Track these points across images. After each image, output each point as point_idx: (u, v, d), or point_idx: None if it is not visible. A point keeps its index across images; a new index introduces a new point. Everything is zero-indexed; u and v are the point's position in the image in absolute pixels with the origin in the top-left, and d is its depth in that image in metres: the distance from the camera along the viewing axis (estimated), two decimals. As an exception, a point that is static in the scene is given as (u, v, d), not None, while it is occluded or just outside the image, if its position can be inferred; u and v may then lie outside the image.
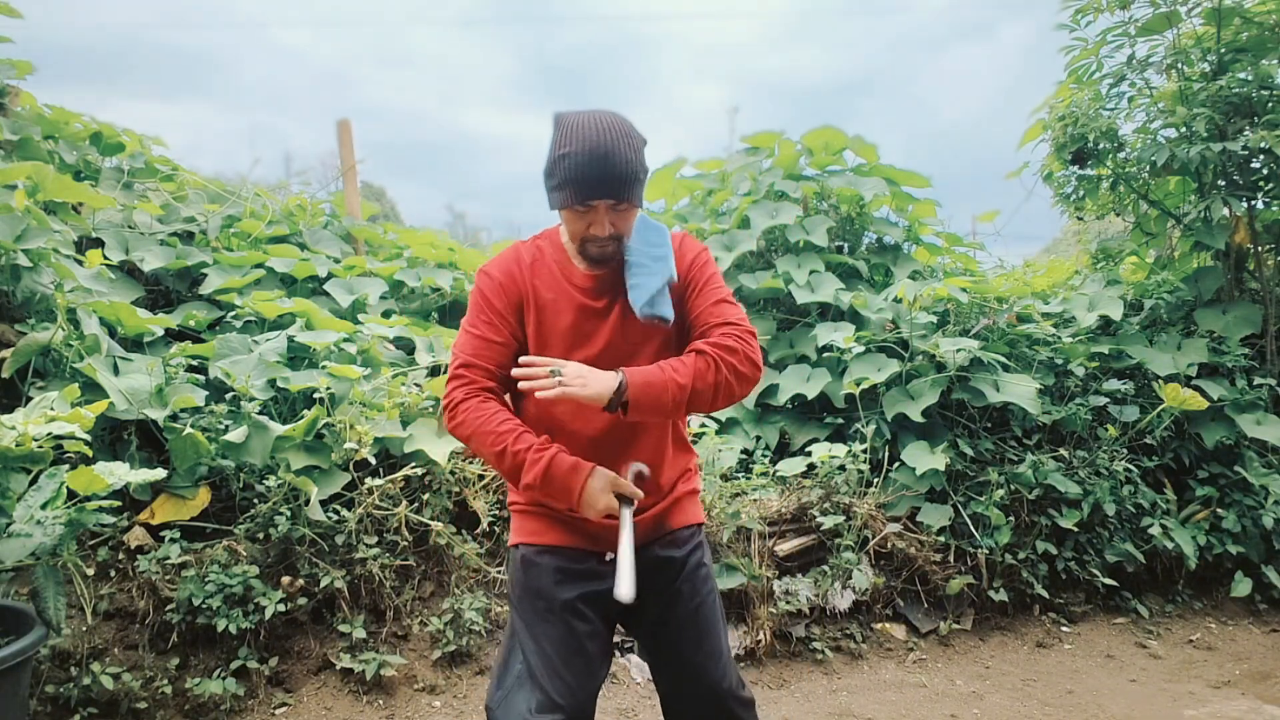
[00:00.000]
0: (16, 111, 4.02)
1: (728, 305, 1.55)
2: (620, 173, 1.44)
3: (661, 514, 1.65)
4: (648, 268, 1.54)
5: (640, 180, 1.49)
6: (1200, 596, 3.94)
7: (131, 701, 2.46)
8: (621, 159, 1.44)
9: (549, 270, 1.59)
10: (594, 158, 1.43)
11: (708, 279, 1.58)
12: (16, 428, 2.10)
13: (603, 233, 1.49)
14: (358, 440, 2.95)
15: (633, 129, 1.49)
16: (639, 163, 1.48)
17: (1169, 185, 4.87)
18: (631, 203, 1.49)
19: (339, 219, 4.75)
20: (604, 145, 1.43)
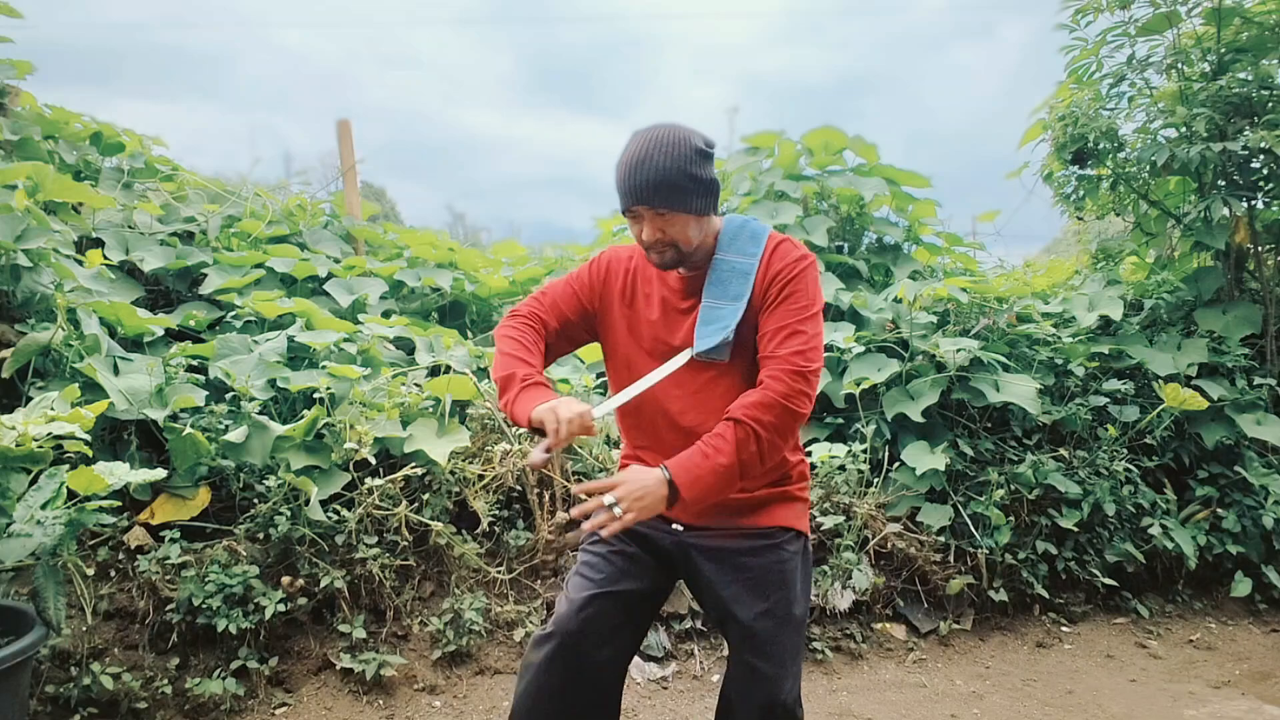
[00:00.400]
0: (16, 111, 4.02)
1: (792, 335, 1.53)
2: (649, 179, 1.49)
3: (737, 509, 1.64)
4: (726, 289, 1.59)
5: (680, 186, 1.51)
6: (1200, 596, 3.94)
7: (131, 701, 2.46)
8: (653, 165, 1.49)
9: (652, 269, 1.71)
10: (628, 167, 1.52)
11: (785, 298, 1.56)
12: (16, 428, 2.10)
13: (647, 238, 1.56)
14: (358, 440, 2.96)
15: (682, 138, 1.52)
16: (677, 169, 1.50)
17: (1169, 185, 4.87)
18: (670, 209, 1.52)
19: (339, 219, 4.75)
20: (639, 154, 1.51)
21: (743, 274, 1.59)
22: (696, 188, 1.53)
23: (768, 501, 1.66)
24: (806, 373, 1.50)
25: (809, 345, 1.53)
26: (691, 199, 1.53)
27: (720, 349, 1.57)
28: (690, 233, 1.57)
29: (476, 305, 4.58)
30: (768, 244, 1.61)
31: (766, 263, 1.60)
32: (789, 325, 1.54)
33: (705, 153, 1.55)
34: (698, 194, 1.54)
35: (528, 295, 1.80)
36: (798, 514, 1.69)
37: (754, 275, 1.59)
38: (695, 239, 1.58)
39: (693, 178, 1.52)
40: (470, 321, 4.53)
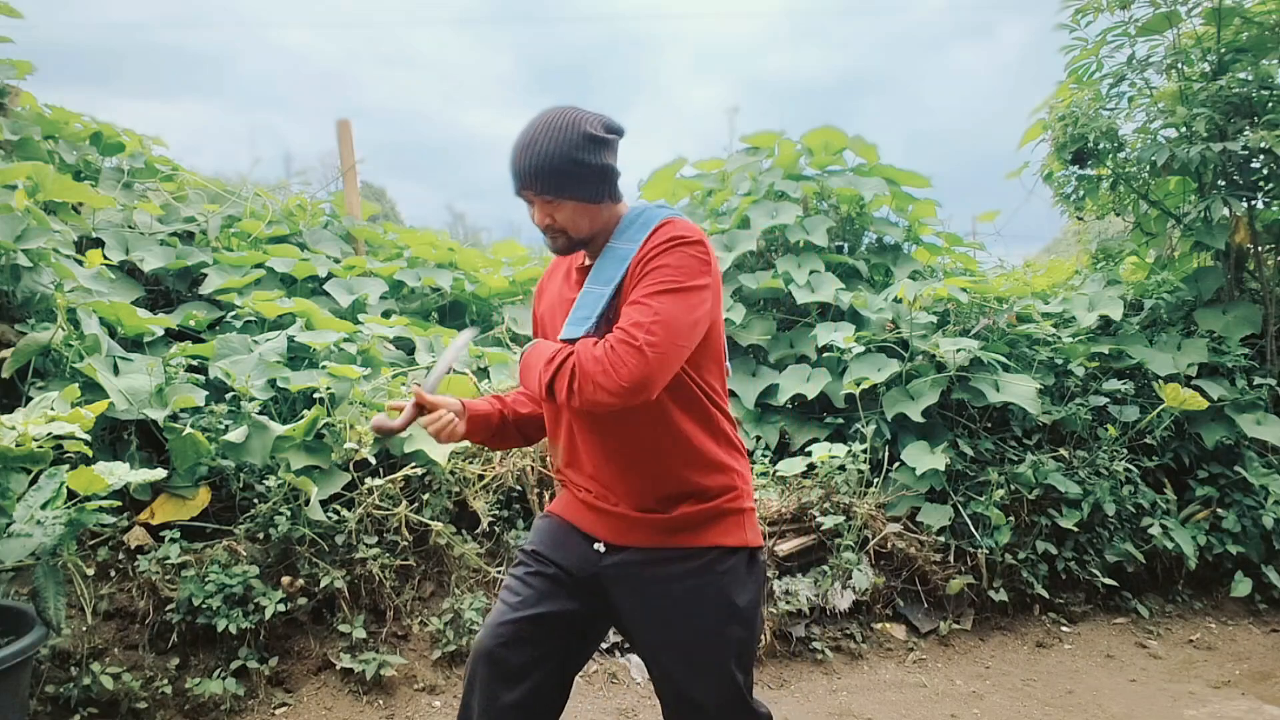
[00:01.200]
0: (16, 111, 4.02)
1: (643, 305, 1.40)
2: (532, 164, 1.45)
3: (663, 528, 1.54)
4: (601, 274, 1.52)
5: (565, 172, 1.45)
6: (1200, 596, 3.94)
7: (131, 701, 2.46)
8: (538, 150, 1.45)
9: (564, 266, 1.68)
10: (515, 149, 1.48)
11: (651, 270, 1.44)
12: (16, 428, 2.10)
13: (537, 222, 1.53)
14: (358, 440, 2.96)
15: (571, 120, 1.46)
16: (562, 154, 1.44)
17: (1169, 185, 4.87)
18: (555, 195, 1.47)
19: (339, 219, 4.75)
20: (526, 137, 1.47)
21: (621, 259, 1.50)
22: (584, 173, 1.47)
23: (695, 520, 1.54)
24: (639, 346, 1.35)
25: (651, 319, 1.38)
26: (577, 185, 1.47)
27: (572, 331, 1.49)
28: (579, 220, 1.51)
29: (476, 305, 4.58)
30: (654, 228, 1.50)
31: (644, 245, 1.49)
32: (636, 299, 1.42)
33: (597, 138, 1.47)
34: (585, 180, 1.47)
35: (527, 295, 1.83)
36: (730, 529, 1.55)
37: (629, 259, 1.49)
38: (585, 227, 1.52)
39: (579, 163, 1.46)
40: (470, 321, 4.53)
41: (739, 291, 4.55)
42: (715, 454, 1.56)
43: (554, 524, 1.67)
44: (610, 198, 1.53)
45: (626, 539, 1.56)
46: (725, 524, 1.55)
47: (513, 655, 1.54)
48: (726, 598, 1.52)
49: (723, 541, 1.54)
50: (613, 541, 1.57)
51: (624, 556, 1.56)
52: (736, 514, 1.56)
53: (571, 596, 1.58)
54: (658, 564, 1.54)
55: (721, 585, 1.52)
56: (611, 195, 1.53)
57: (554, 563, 1.60)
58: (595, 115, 1.50)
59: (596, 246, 1.57)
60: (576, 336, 1.46)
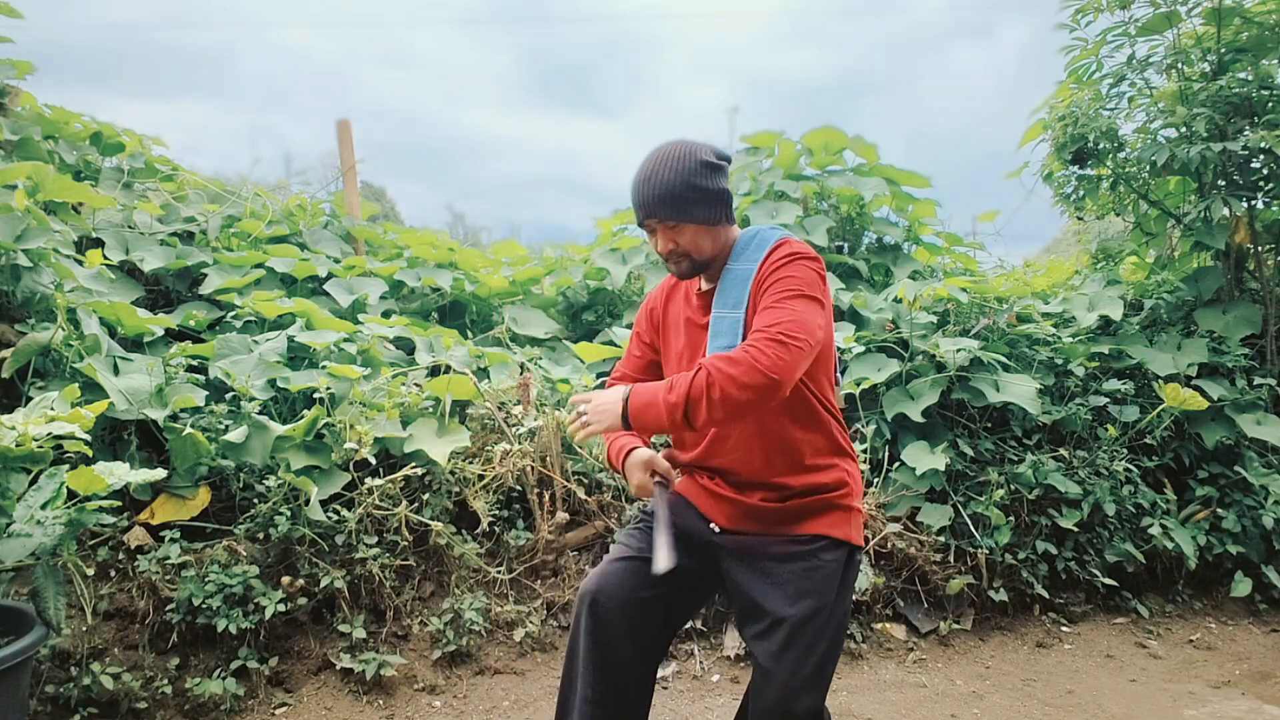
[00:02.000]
0: (16, 111, 4.02)
1: (776, 309, 1.50)
2: (655, 193, 1.57)
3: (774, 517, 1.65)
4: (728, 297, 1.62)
5: (685, 198, 1.57)
6: (1200, 596, 3.94)
7: (131, 701, 2.46)
8: (659, 180, 1.57)
9: (682, 290, 1.79)
10: (638, 183, 1.60)
11: (777, 280, 1.55)
12: (16, 428, 2.10)
13: (661, 250, 1.64)
14: (358, 440, 2.96)
15: (688, 151, 1.58)
16: (682, 181, 1.56)
17: (1169, 185, 4.87)
18: (678, 220, 1.59)
19: (339, 219, 4.75)
20: (647, 170, 1.59)
21: (743, 280, 1.61)
22: (702, 198, 1.58)
23: (805, 511, 1.64)
24: (783, 339, 1.44)
25: (789, 318, 1.47)
26: (697, 209, 1.58)
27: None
28: (701, 242, 1.62)
29: (476, 305, 4.58)
30: (771, 247, 1.62)
31: (763, 264, 1.60)
32: (769, 305, 1.52)
33: (712, 165, 1.59)
34: (704, 204, 1.59)
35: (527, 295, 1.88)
36: (837, 522, 1.64)
37: (751, 280, 1.60)
38: (708, 248, 1.63)
39: (698, 189, 1.57)
40: (470, 321, 4.53)
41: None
42: (828, 458, 1.67)
43: (678, 499, 1.76)
44: (727, 220, 1.66)
45: (740, 524, 1.67)
46: (834, 517, 1.65)
47: (617, 591, 1.65)
48: (827, 586, 1.60)
49: (830, 532, 1.63)
50: (727, 526, 1.68)
51: (737, 538, 1.67)
52: (845, 510, 1.67)
53: (682, 551, 1.64)
54: (768, 545, 1.64)
55: (825, 574, 1.61)
56: (728, 217, 1.65)
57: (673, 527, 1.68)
58: (706, 145, 1.62)
59: (714, 270, 1.68)
60: None
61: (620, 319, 4.61)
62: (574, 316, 4.81)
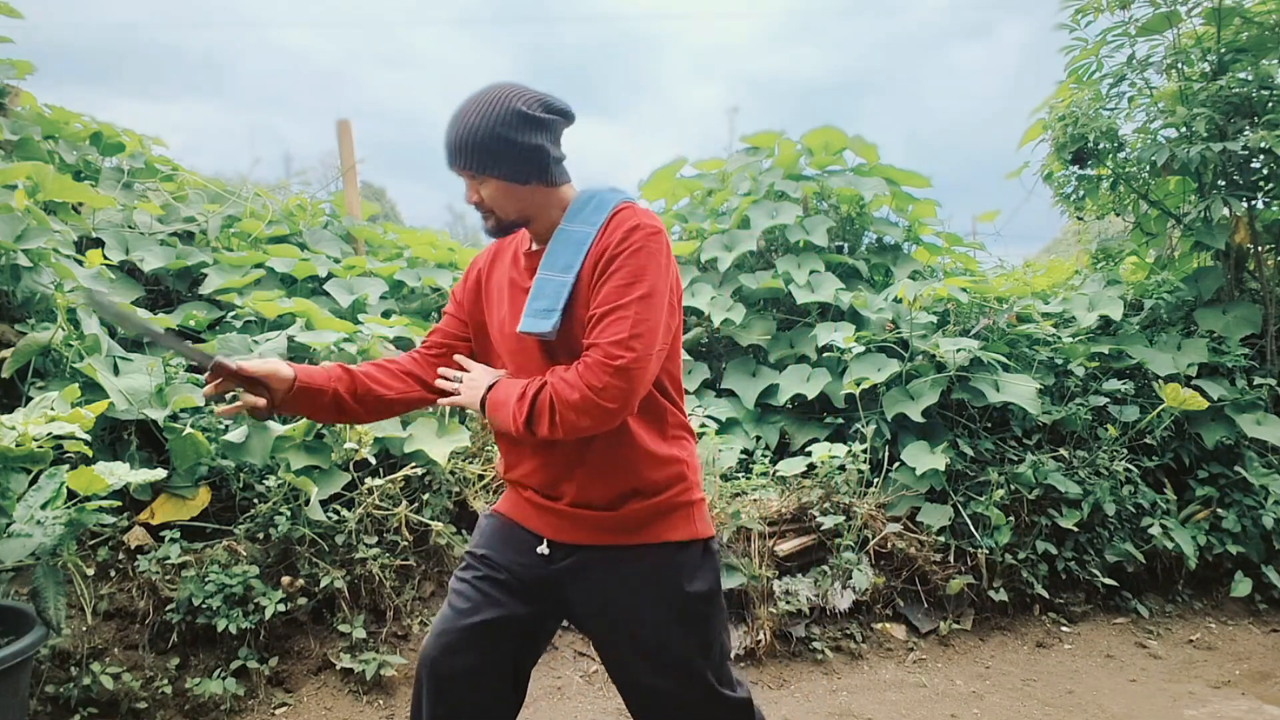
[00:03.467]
0: (16, 111, 4.02)
1: (613, 318, 1.37)
2: (457, 139, 1.42)
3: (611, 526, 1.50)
4: (556, 259, 1.46)
5: (490, 150, 1.40)
6: (1200, 596, 3.94)
7: (131, 701, 2.46)
8: (464, 124, 1.41)
9: (510, 252, 1.62)
10: (448, 124, 1.45)
11: (614, 271, 1.39)
12: (16, 428, 2.10)
13: (467, 200, 1.50)
14: (358, 440, 2.96)
15: (503, 96, 1.41)
16: (488, 130, 1.40)
17: (1169, 185, 4.87)
18: (478, 173, 1.43)
19: (339, 219, 4.75)
20: (457, 112, 1.44)
21: (577, 243, 1.45)
22: (508, 152, 1.41)
23: (643, 517, 1.50)
24: (623, 367, 1.33)
25: (631, 332, 1.35)
26: (500, 164, 1.42)
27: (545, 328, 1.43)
28: (503, 200, 1.46)
29: (476, 305, 4.58)
30: (611, 212, 1.45)
31: (603, 231, 1.44)
32: (612, 306, 1.37)
33: (531, 116, 1.41)
34: (509, 160, 1.41)
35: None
36: (676, 523, 1.51)
37: (588, 245, 1.44)
38: (512, 209, 1.47)
39: (507, 141, 1.40)
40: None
41: (739, 291, 4.55)
42: (664, 448, 1.51)
43: (499, 524, 1.63)
44: (541, 180, 1.46)
45: (573, 537, 1.52)
46: (674, 519, 1.51)
47: (459, 661, 1.51)
48: (680, 590, 1.49)
49: (673, 536, 1.50)
50: (558, 540, 1.53)
51: (574, 559, 1.52)
52: (686, 507, 1.52)
53: (519, 600, 1.55)
54: (608, 563, 1.51)
55: (675, 580, 1.49)
56: (542, 178, 1.46)
57: (502, 566, 1.57)
58: (535, 95, 1.44)
59: (541, 230, 1.51)
60: (542, 331, 1.42)
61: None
62: (574, 316, 4.80)
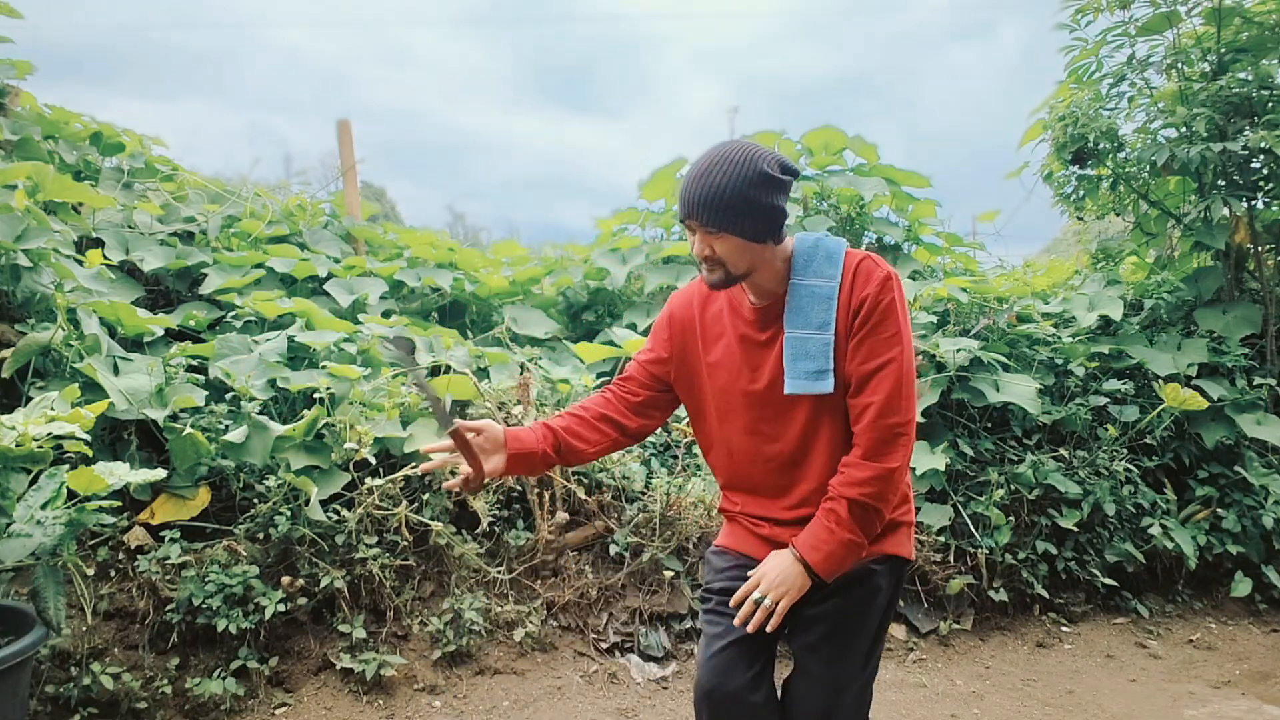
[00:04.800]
0: (16, 111, 4.02)
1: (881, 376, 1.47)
2: (702, 195, 1.45)
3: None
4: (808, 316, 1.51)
5: (733, 208, 1.44)
6: (1200, 596, 3.95)
7: (131, 701, 2.46)
8: (710, 182, 1.44)
9: (722, 301, 1.66)
10: (689, 178, 1.48)
11: (871, 328, 1.48)
12: (16, 428, 2.10)
13: (695, 252, 1.52)
14: (358, 440, 2.95)
15: (749, 158, 1.45)
16: (734, 190, 1.43)
17: (1169, 185, 4.87)
18: (719, 229, 1.46)
19: (339, 219, 4.75)
20: (698, 167, 1.47)
21: (824, 299, 1.51)
22: (751, 211, 1.45)
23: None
24: (899, 427, 1.46)
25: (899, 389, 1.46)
26: (743, 222, 1.46)
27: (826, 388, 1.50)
28: (738, 257, 1.50)
29: (476, 305, 4.58)
30: (846, 263, 1.52)
31: (849, 286, 1.51)
32: (879, 363, 1.47)
33: (772, 178, 1.46)
34: (751, 218, 1.46)
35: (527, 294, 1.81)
36: (895, 541, 1.60)
37: (836, 300, 1.50)
38: (744, 265, 1.51)
39: (749, 201, 1.44)
40: (470, 321, 4.53)
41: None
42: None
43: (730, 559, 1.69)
44: (774, 240, 1.52)
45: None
46: (892, 536, 1.60)
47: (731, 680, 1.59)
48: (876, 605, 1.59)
49: (888, 551, 1.59)
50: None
51: None
52: (905, 526, 1.63)
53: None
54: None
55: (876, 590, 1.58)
56: (775, 237, 1.52)
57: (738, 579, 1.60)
58: (773, 155, 1.48)
59: (763, 283, 1.56)
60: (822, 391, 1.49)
61: (620, 319, 4.61)
62: (574, 316, 4.81)
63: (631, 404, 1.73)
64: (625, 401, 1.73)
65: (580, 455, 1.70)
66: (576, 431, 1.68)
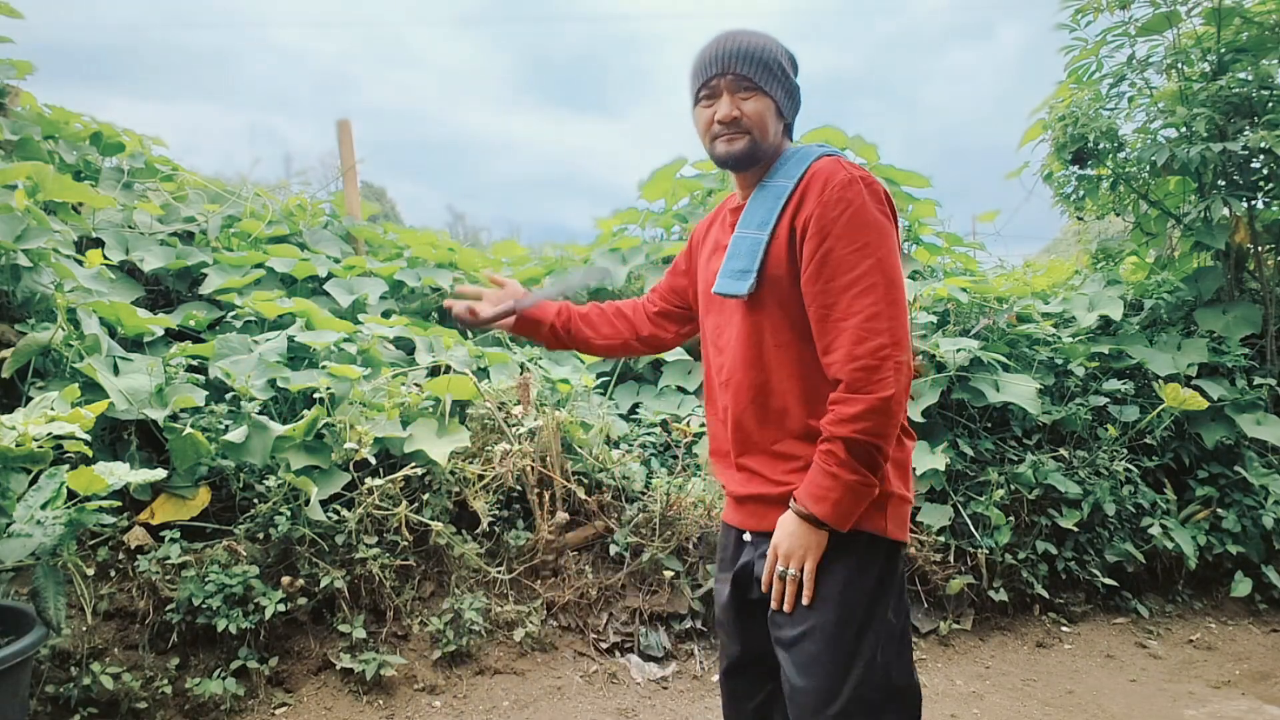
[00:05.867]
0: (16, 111, 4.02)
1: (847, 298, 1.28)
2: (738, 47, 1.37)
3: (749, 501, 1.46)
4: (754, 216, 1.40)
5: (773, 68, 1.38)
6: (1200, 596, 3.94)
7: (131, 701, 2.46)
8: (744, 39, 1.38)
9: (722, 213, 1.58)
10: (716, 39, 1.41)
11: (832, 240, 1.30)
12: (16, 428, 2.10)
13: (721, 115, 1.39)
14: (358, 440, 2.95)
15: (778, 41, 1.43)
16: (769, 48, 1.39)
17: (1169, 185, 4.87)
18: (754, 82, 1.37)
19: (339, 219, 4.75)
20: (724, 33, 1.41)
21: (775, 197, 1.38)
22: (784, 79, 1.41)
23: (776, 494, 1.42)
24: (884, 350, 1.26)
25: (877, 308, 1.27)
26: (777, 85, 1.40)
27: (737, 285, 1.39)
28: (768, 121, 1.40)
29: (476, 305, 4.57)
30: (810, 165, 1.37)
31: (801, 189, 1.36)
32: (847, 280, 1.29)
33: (796, 63, 1.44)
34: (784, 86, 1.41)
35: None
36: (869, 515, 1.37)
37: (784, 201, 1.37)
38: (770, 134, 1.41)
39: (783, 69, 1.40)
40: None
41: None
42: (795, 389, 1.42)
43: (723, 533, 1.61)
44: (788, 123, 1.46)
45: (765, 525, 1.43)
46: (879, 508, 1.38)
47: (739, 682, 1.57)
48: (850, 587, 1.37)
49: (871, 528, 1.37)
50: (754, 529, 1.46)
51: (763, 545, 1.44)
52: (886, 497, 1.38)
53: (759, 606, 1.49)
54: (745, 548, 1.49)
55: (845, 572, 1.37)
56: (791, 121, 1.47)
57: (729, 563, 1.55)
58: None
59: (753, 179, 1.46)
60: (739, 293, 1.38)
61: (620, 319, 4.60)
62: (574, 316, 4.80)
63: (649, 312, 1.77)
64: (644, 309, 1.78)
65: (588, 343, 1.76)
66: (590, 319, 1.76)
